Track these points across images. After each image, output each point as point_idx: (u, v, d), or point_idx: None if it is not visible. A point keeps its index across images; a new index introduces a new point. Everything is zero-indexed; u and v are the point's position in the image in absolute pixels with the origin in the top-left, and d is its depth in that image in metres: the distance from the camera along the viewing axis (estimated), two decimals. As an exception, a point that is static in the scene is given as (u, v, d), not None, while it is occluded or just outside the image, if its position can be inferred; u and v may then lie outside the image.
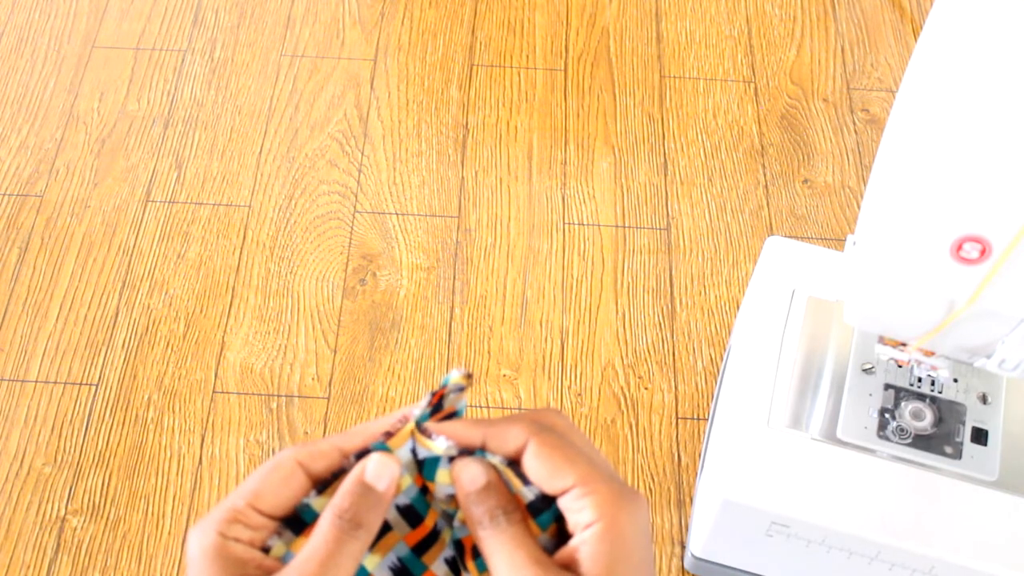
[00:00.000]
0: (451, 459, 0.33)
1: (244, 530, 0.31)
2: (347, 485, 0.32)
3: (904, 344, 0.78)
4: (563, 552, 0.32)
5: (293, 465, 0.32)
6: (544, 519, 0.33)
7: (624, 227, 1.15)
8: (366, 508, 0.31)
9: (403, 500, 0.34)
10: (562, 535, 0.33)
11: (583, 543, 0.31)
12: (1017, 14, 0.48)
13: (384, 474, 0.32)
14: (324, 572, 0.30)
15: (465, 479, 0.33)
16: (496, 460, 0.33)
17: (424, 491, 0.35)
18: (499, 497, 0.32)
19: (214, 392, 1.03)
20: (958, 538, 0.71)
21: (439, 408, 0.34)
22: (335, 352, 1.06)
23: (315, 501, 0.33)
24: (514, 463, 0.33)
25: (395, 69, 1.30)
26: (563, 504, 0.32)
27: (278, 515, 0.32)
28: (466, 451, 0.33)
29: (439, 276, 1.12)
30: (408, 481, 0.34)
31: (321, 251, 1.13)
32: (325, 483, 0.33)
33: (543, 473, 0.32)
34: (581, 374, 1.05)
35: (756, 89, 1.28)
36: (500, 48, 1.32)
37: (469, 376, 0.34)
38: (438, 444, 0.33)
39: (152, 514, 0.96)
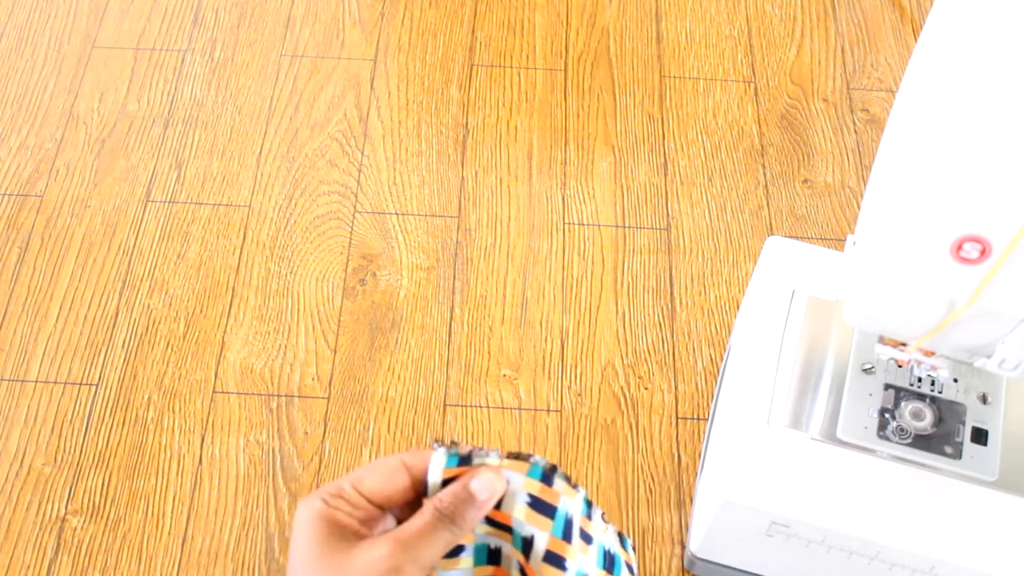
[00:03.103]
0: (531, 498, 0.36)
1: (345, 504, 0.36)
2: (454, 485, 0.36)
3: (904, 344, 0.78)
4: None
5: (398, 463, 0.37)
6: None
7: (624, 227, 1.15)
8: (463, 508, 0.35)
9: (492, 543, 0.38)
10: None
11: None
12: (1017, 15, 0.48)
13: (486, 487, 0.36)
14: (418, 541, 0.34)
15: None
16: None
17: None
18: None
19: (214, 392, 1.03)
20: (958, 538, 0.71)
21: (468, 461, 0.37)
22: (335, 352, 1.06)
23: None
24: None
25: (395, 69, 1.30)
26: None
27: (375, 501, 0.36)
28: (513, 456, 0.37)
29: (439, 276, 1.12)
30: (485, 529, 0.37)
31: (321, 251, 1.13)
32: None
33: None
34: (581, 374, 1.05)
35: (756, 89, 1.28)
36: (500, 48, 1.32)
37: (453, 444, 0.37)
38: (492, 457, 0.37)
39: (152, 514, 0.96)
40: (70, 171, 1.20)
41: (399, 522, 0.38)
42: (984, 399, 0.76)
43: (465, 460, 0.36)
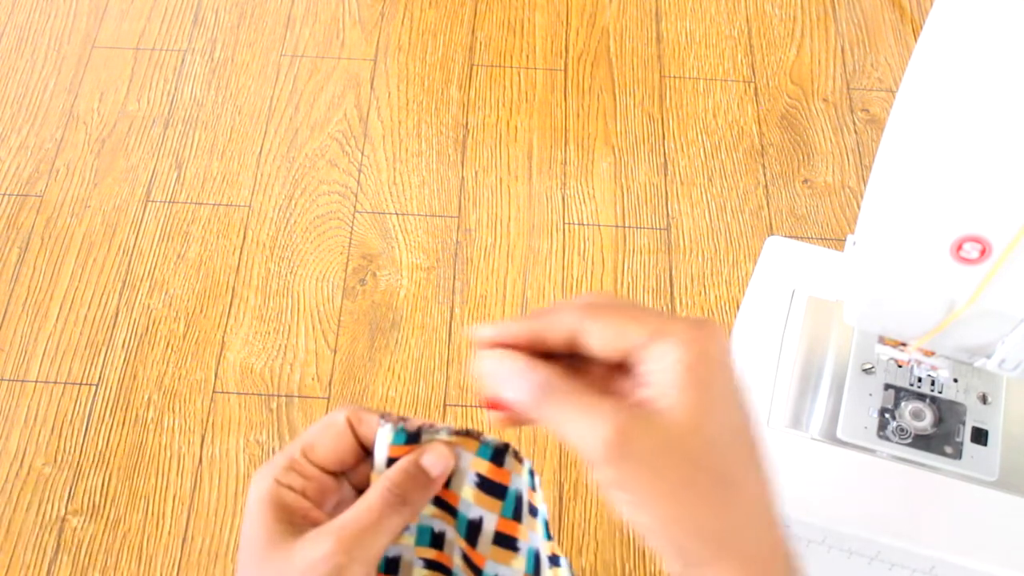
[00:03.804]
0: (479, 478, 0.35)
1: (297, 478, 0.34)
2: (403, 463, 0.34)
3: (904, 344, 0.78)
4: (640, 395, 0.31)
5: (344, 424, 0.35)
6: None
7: (624, 227, 1.15)
8: (414, 488, 0.33)
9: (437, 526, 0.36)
10: None
11: (665, 374, 0.30)
12: (1017, 15, 0.48)
13: (439, 463, 0.34)
14: (363, 536, 0.32)
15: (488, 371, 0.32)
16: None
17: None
18: (541, 372, 0.32)
19: (214, 392, 1.03)
20: (958, 538, 0.71)
21: (416, 439, 0.35)
22: (335, 352, 1.06)
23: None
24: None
25: (395, 69, 1.30)
26: (644, 362, 0.31)
27: (328, 468, 0.34)
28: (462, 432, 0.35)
29: (439, 276, 1.11)
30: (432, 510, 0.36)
31: (321, 251, 1.13)
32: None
33: (609, 337, 0.31)
34: (581, 374, 1.04)
35: (756, 89, 1.28)
36: (500, 48, 1.32)
37: (402, 419, 0.35)
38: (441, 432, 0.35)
39: (152, 514, 0.96)
40: (70, 171, 1.20)
41: (357, 490, 0.36)
42: (984, 399, 0.76)
43: (413, 437, 0.34)
